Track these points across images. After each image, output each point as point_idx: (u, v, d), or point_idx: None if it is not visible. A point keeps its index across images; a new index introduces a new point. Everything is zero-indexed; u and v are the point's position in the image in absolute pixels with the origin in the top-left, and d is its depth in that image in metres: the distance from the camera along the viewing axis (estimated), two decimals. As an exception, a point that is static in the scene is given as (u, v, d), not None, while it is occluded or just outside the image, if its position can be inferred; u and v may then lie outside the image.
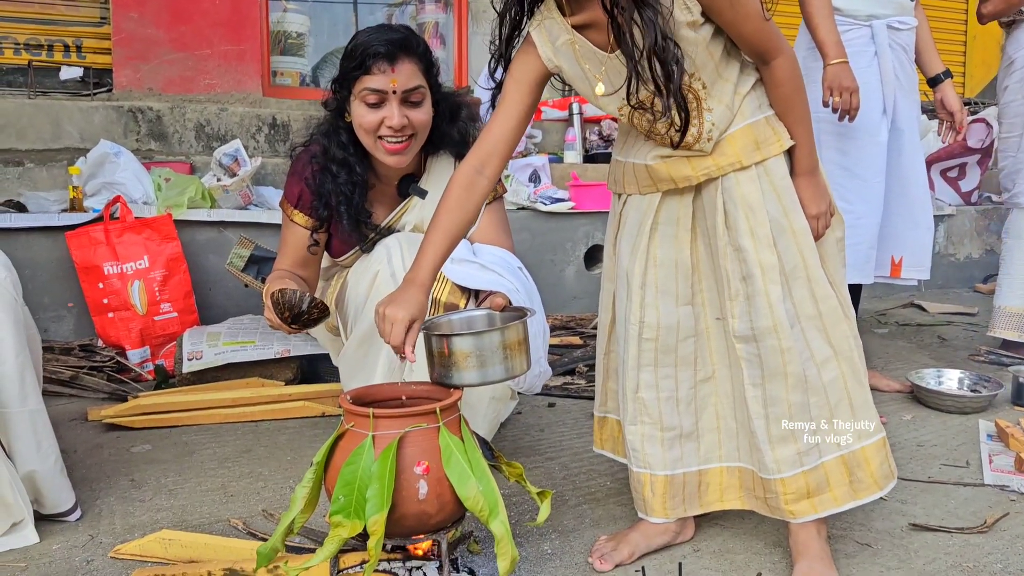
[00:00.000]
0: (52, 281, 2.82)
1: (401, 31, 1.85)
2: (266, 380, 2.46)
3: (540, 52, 1.43)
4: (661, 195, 1.51)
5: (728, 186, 1.45)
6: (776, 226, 1.45)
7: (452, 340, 1.43)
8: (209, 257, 2.98)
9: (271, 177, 3.47)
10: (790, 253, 1.46)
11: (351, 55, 1.82)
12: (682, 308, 1.53)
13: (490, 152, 1.47)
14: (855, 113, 2.34)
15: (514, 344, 1.46)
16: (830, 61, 2.32)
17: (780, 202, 1.46)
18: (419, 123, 1.85)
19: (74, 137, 3.40)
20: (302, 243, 1.97)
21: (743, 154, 1.44)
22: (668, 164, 1.47)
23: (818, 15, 2.35)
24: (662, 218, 1.52)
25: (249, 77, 3.96)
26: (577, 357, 2.86)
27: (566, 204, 3.51)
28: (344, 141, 1.88)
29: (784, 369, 1.44)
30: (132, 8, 3.73)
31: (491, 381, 1.46)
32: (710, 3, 1.33)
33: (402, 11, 5.54)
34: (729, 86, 1.43)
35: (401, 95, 1.80)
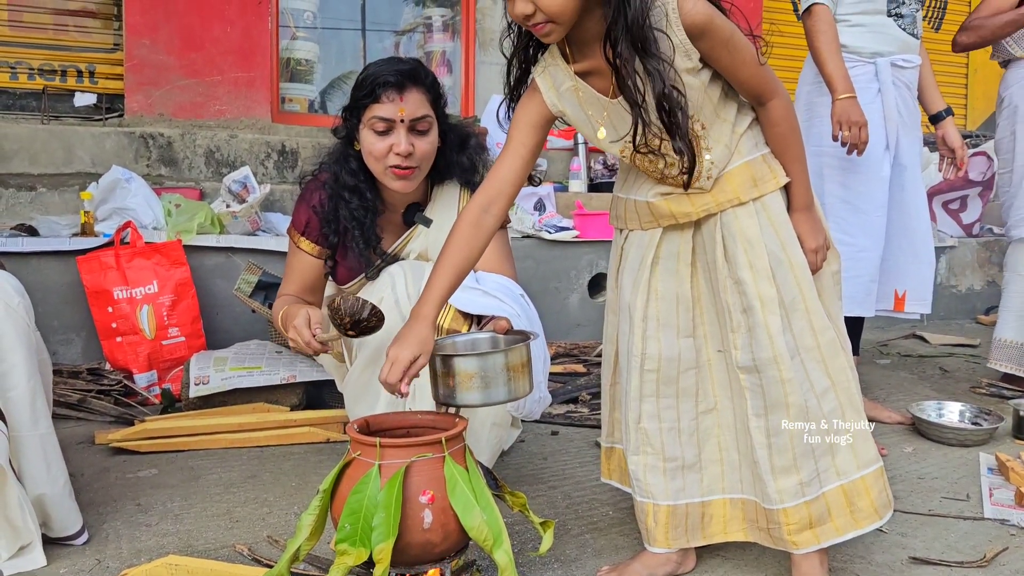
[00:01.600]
0: (62, 305, 2.86)
1: (410, 63, 1.91)
2: (272, 405, 2.48)
3: (544, 97, 1.48)
4: (662, 230, 1.54)
5: (727, 221, 1.49)
6: (774, 259, 1.48)
7: (456, 360, 1.47)
8: (217, 282, 3.01)
9: (279, 203, 3.51)
10: (788, 286, 1.49)
11: (361, 85, 1.88)
12: (683, 340, 1.56)
13: (497, 191, 1.52)
14: (864, 147, 2.37)
15: (517, 366, 1.49)
16: (838, 96, 2.35)
17: (778, 236, 1.49)
18: (425, 151, 1.90)
19: (86, 162, 3.45)
20: (308, 270, 2.01)
21: (741, 191, 1.48)
22: (669, 201, 1.51)
23: (825, 51, 2.39)
24: (663, 252, 1.55)
25: (258, 103, 4.02)
26: (580, 385, 2.87)
27: (570, 233, 3.54)
28: (354, 168, 1.93)
29: (786, 400, 1.46)
30: (145, 35, 3.79)
31: (494, 402, 1.50)
32: (708, 51, 1.38)
33: (410, 38, 5.61)
34: (727, 126, 1.47)
35: (409, 123, 1.86)
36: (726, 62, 1.41)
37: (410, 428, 1.54)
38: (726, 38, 1.38)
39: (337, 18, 5.25)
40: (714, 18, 1.36)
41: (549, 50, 1.47)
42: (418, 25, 5.43)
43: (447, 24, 5.24)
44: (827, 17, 2.41)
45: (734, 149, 1.48)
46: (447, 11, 5.25)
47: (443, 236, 2.01)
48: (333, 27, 5.24)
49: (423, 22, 5.37)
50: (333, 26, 5.23)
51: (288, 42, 4.59)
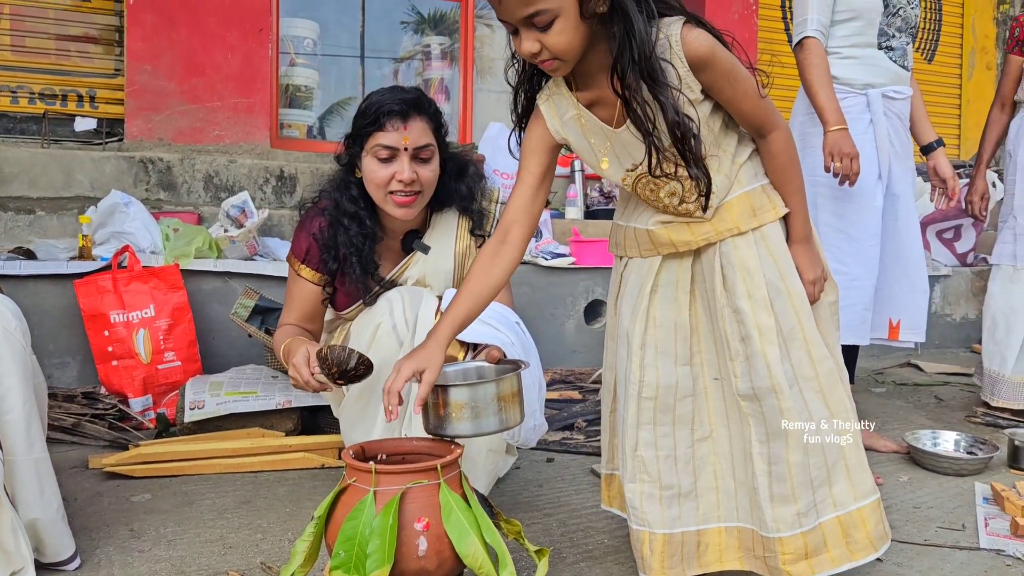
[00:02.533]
0: (58, 328, 2.85)
1: (413, 92, 1.94)
2: (267, 431, 2.47)
3: (548, 125, 1.50)
4: (661, 258, 1.56)
5: (726, 250, 1.50)
6: (773, 289, 1.49)
7: (447, 391, 1.47)
8: (214, 306, 3.01)
9: (277, 228, 3.52)
10: (787, 315, 1.50)
11: (365, 113, 1.91)
12: (681, 368, 1.56)
13: (512, 221, 1.56)
14: (855, 178, 2.39)
15: (508, 396, 1.50)
16: (830, 128, 2.38)
17: (776, 266, 1.51)
18: (427, 179, 1.92)
19: (85, 186, 3.46)
20: (308, 297, 2.01)
21: (740, 220, 1.49)
22: (668, 229, 1.52)
23: (817, 83, 2.42)
24: (662, 280, 1.56)
25: (258, 129, 4.05)
26: (576, 412, 2.87)
27: (567, 259, 3.56)
28: (355, 195, 1.96)
29: (785, 428, 1.47)
30: (146, 61, 3.83)
31: (485, 432, 1.50)
32: (710, 83, 1.40)
33: (408, 65, 5.67)
34: (727, 156, 1.49)
35: (412, 151, 1.88)
36: (728, 94, 1.43)
37: (406, 455, 1.54)
38: (728, 70, 1.40)
39: (337, 45, 5.30)
40: (716, 50, 1.38)
41: (554, 78, 1.49)
42: (417, 53, 5.49)
43: (445, 52, 5.29)
44: (818, 50, 2.44)
45: (734, 179, 1.50)
46: (445, 39, 5.31)
47: (440, 264, 2.05)
48: (332, 54, 5.29)
49: (422, 50, 5.43)
50: (332, 53, 5.29)
51: (287, 68, 4.64)
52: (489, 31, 5.61)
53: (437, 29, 5.47)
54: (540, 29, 1.31)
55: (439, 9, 5.39)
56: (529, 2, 1.29)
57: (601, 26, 1.34)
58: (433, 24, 5.54)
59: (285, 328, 2.00)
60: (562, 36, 1.32)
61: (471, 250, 2.09)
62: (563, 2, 1.29)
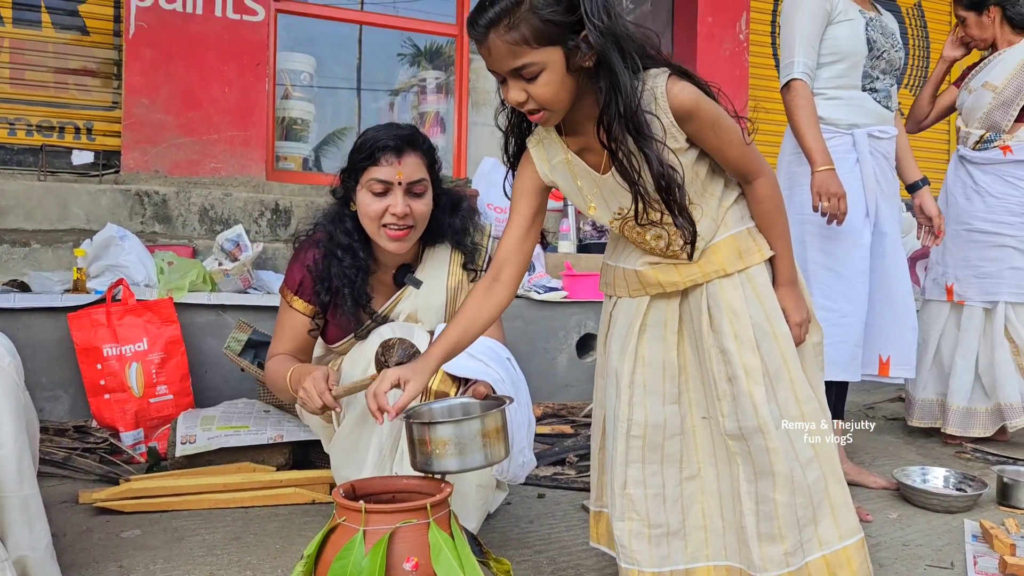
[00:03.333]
0: (51, 361, 2.86)
1: (408, 129, 1.99)
2: (258, 465, 2.47)
3: (537, 168, 1.54)
4: (649, 298, 1.58)
5: (713, 291, 1.53)
6: (759, 330, 1.52)
7: (431, 428, 1.49)
8: (207, 339, 3.02)
9: (272, 261, 3.54)
10: (773, 356, 1.52)
11: (360, 148, 1.95)
12: (669, 407, 1.58)
13: (504, 259, 1.59)
14: (843, 218, 2.42)
15: (491, 432, 1.51)
16: (817, 168, 2.42)
17: (762, 307, 1.53)
18: (420, 213, 1.96)
19: (80, 218, 3.48)
20: (300, 329, 2.03)
21: (727, 262, 1.52)
22: (656, 270, 1.55)
23: (804, 124, 2.46)
24: (650, 320, 1.59)
25: (254, 162, 4.08)
26: (568, 447, 2.87)
27: (559, 293, 3.58)
28: (349, 228, 1.99)
29: (772, 468, 1.48)
30: (144, 94, 3.87)
31: (470, 468, 1.52)
32: (695, 133, 1.44)
33: (404, 98, 5.72)
34: (714, 200, 1.52)
35: (405, 186, 1.92)
36: (713, 143, 1.46)
37: (395, 493, 1.55)
38: (712, 120, 1.43)
39: (333, 77, 5.36)
40: (700, 102, 1.41)
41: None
42: (412, 85, 5.55)
43: (441, 86, 5.35)
44: (805, 92, 2.48)
45: (720, 222, 1.53)
46: (441, 73, 5.37)
47: (432, 298, 2.07)
48: (329, 86, 5.35)
49: (417, 83, 5.49)
50: (329, 85, 5.35)
51: (283, 101, 4.69)
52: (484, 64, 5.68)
53: (433, 63, 5.54)
54: (527, 80, 1.35)
55: (435, 42, 5.47)
56: (516, 55, 1.33)
57: (588, 79, 1.38)
58: (429, 57, 5.61)
59: (279, 357, 2.01)
60: (548, 88, 1.35)
61: (463, 285, 2.11)
62: (550, 56, 1.33)
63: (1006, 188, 3.11)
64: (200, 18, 3.97)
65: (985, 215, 3.11)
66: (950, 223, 3.17)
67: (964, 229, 3.15)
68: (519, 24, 1.31)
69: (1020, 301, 3.06)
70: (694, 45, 5.08)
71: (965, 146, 3.19)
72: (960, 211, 3.17)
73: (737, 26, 5.20)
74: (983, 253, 3.11)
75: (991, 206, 3.11)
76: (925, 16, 5.97)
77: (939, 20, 6.02)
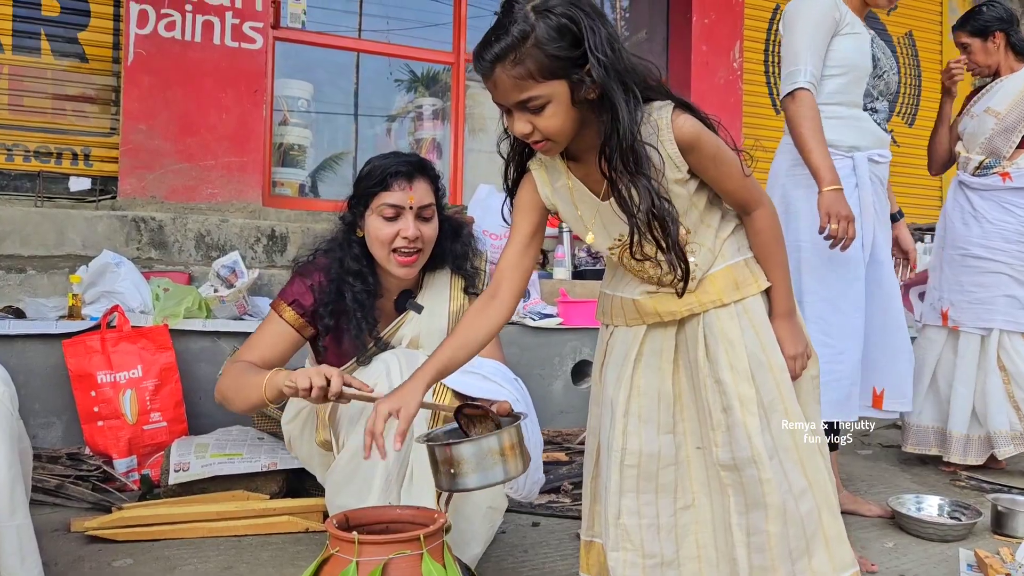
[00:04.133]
0: (45, 388, 2.85)
1: (415, 156, 2.04)
2: (251, 493, 2.46)
3: (539, 191, 1.56)
4: (646, 327, 1.59)
5: (709, 321, 1.54)
6: (754, 361, 1.52)
7: (452, 448, 1.52)
8: (202, 366, 3.02)
9: (267, 288, 3.55)
10: (768, 387, 1.52)
11: (371, 175, 1.98)
12: (663, 436, 1.58)
13: (502, 276, 1.60)
14: (849, 243, 2.27)
15: (508, 447, 1.55)
16: (825, 187, 2.25)
17: (758, 338, 1.54)
18: (429, 237, 2.01)
19: (77, 245, 3.49)
20: (280, 341, 2.01)
21: (724, 293, 1.53)
22: (654, 299, 1.56)
23: (811, 139, 2.29)
24: (646, 349, 1.60)
25: (250, 188, 4.10)
26: (563, 474, 2.87)
27: (554, 320, 3.59)
28: (357, 254, 2.02)
29: (764, 500, 1.48)
30: (142, 120, 3.89)
31: (492, 483, 1.55)
32: (696, 164, 1.46)
33: (400, 124, 5.76)
34: (711, 231, 1.54)
35: (416, 210, 1.96)
36: (712, 174, 1.48)
37: (389, 523, 1.55)
38: (713, 153, 1.46)
39: (330, 103, 5.40)
40: (702, 134, 1.44)
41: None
42: (409, 111, 5.59)
43: (437, 112, 5.39)
44: (811, 103, 2.32)
45: (717, 253, 1.55)
46: (437, 100, 5.41)
47: (434, 323, 2.08)
48: (326, 112, 5.39)
49: (414, 109, 5.53)
50: (326, 111, 5.38)
51: (281, 127, 4.72)
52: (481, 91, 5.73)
53: (430, 89, 5.58)
54: (533, 112, 1.38)
55: (432, 69, 5.51)
56: (522, 89, 1.35)
57: (591, 110, 1.40)
58: (426, 84, 5.65)
59: (242, 364, 1.92)
60: (554, 120, 1.38)
61: (465, 309, 2.13)
62: (555, 89, 1.36)
63: (1003, 215, 3.11)
64: (198, 46, 4.01)
65: (980, 241, 3.12)
66: (947, 248, 3.18)
67: (959, 254, 3.17)
68: (525, 59, 1.33)
69: (1013, 329, 3.07)
70: (688, 73, 5.13)
71: (965, 171, 3.19)
72: (956, 236, 3.18)
73: (731, 55, 5.26)
74: (977, 279, 3.12)
75: (987, 232, 3.11)
76: (916, 45, 6.05)
77: (930, 50, 6.09)
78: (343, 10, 5.37)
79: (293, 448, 2.20)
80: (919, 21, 6.04)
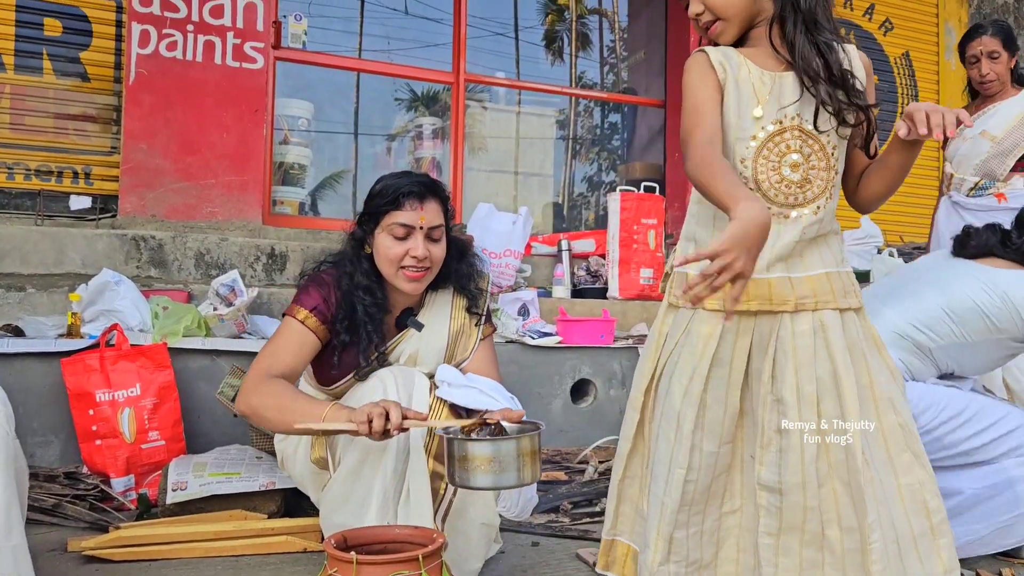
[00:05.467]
0: (43, 407, 2.85)
1: (427, 177, 2.06)
2: (249, 512, 2.45)
3: (713, 62, 1.56)
4: (719, 334, 1.55)
5: (783, 336, 1.51)
6: (823, 386, 1.50)
7: (473, 444, 1.56)
8: (200, 385, 3.01)
9: (267, 307, 3.55)
10: (832, 413, 1.49)
11: (383, 193, 2.00)
12: (723, 447, 1.58)
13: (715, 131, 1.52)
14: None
15: (527, 453, 1.59)
16: None
17: (832, 363, 1.50)
18: (437, 257, 2.02)
19: (76, 263, 3.49)
20: (305, 351, 2.00)
21: (834, 296, 1.54)
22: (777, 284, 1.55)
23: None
24: (716, 360, 1.56)
25: (250, 206, 4.11)
26: (562, 494, 2.86)
27: (553, 339, 3.59)
28: (367, 269, 2.03)
29: (803, 526, 1.46)
30: (142, 140, 3.91)
31: (504, 486, 1.59)
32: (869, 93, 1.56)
33: (400, 143, 5.79)
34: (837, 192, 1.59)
35: (426, 230, 1.97)
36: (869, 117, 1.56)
37: (387, 543, 1.54)
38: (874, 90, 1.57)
39: (331, 122, 5.44)
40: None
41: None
42: (409, 131, 5.62)
43: (437, 131, 5.42)
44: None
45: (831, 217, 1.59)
46: (437, 119, 5.44)
47: (434, 341, 2.09)
48: (326, 131, 5.42)
49: (414, 128, 5.56)
50: (326, 130, 5.42)
51: (281, 146, 4.74)
52: (481, 110, 5.77)
53: (430, 108, 5.62)
54: None
55: (432, 88, 5.55)
56: None
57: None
58: (426, 103, 5.69)
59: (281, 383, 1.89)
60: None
61: (465, 328, 2.15)
62: None
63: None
64: (200, 65, 4.03)
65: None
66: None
67: None
68: None
69: None
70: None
71: (959, 192, 3.23)
72: None
73: (729, 74, 5.28)
74: None
75: None
76: (913, 66, 6.08)
77: (927, 70, 6.13)
78: (344, 30, 5.42)
79: (286, 467, 2.20)
80: (916, 42, 6.08)
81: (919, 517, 1.49)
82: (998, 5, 6.40)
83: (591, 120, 6.55)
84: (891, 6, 6.00)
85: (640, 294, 4.23)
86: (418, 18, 5.46)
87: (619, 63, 6.19)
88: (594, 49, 6.38)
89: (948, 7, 6.17)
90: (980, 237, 2.24)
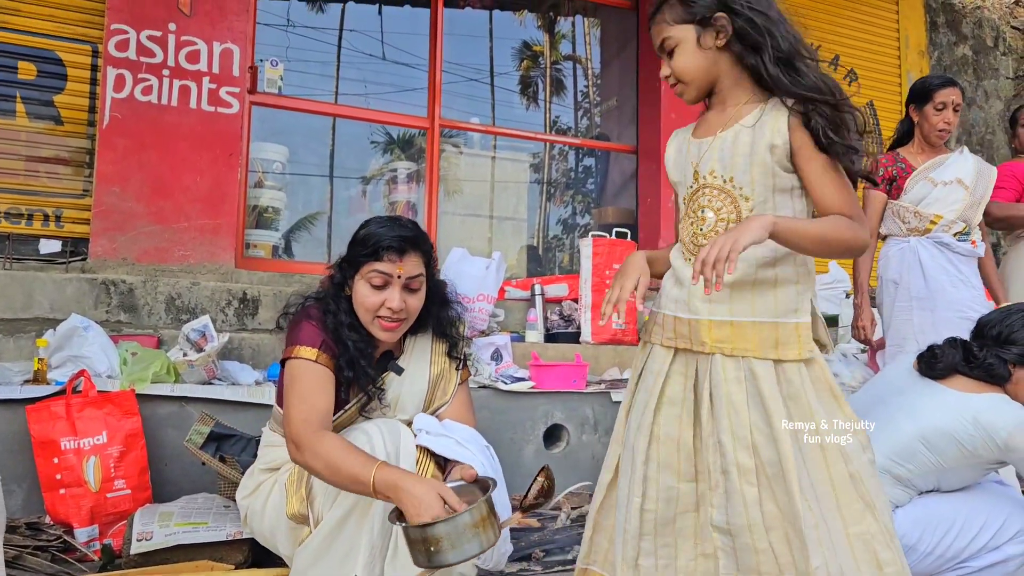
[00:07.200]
0: (5, 455, 2.79)
1: (411, 228, 2.04)
2: (216, 563, 2.41)
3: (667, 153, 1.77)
4: (668, 369, 1.64)
5: (716, 379, 1.56)
6: (757, 430, 1.53)
7: (428, 528, 1.58)
8: (168, 432, 2.98)
9: (237, 352, 3.52)
10: (771, 459, 1.51)
11: (364, 242, 2.00)
12: (684, 484, 1.61)
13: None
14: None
15: (480, 521, 1.59)
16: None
17: (765, 411, 1.53)
18: (414, 308, 2.03)
19: (45, 307, 3.45)
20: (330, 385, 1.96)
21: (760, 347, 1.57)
22: (694, 324, 1.62)
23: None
24: (666, 398, 1.63)
25: (223, 250, 4.09)
26: (534, 541, 2.84)
27: (526, 383, 3.59)
28: (348, 309, 2.04)
29: (758, 568, 1.48)
30: (115, 183, 3.89)
31: (469, 557, 1.60)
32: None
33: (375, 186, 5.81)
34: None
35: (404, 281, 1.98)
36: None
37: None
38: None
39: (306, 165, 5.45)
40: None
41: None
42: (384, 174, 5.65)
43: (412, 175, 5.46)
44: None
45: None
46: (412, 164, 5.48)
47: (415, 385, 2.10)
48: (301, 173, 5.43)
49: (389, 172, 5.59)
50: (301, 172, 5.43)
51: (255, 189, 4.74)
52: (455, 155, 5.82)
53: (406, 152, 5.65)
54: (668, 56, 1.63)
55: (407, 132, 5.60)
56: (656, 33, 1.63)
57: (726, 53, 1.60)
58: (402, 147, 5.73)
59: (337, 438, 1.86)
60: (679, 60, 1.62)
61: (445, 373, 2.16)
62: (683, 33, 1.60)
63: (977, 280, 3.34)
64: (175, 110, 4.04)
65: (972, 304, 3.27)
66: (939, 310, 3.27)
67: (958, 317, 3.24)
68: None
69: None
70: (659, 140, 5.24)
71: (947, 234, 3.29)
72: (951, 300, 3.28)
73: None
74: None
75: (975, 296, 3.30)
76: (878, 115, 6.24)
77: (890, 119, 6.28)
78: (321, 74, 5.46)
79: (250, 522, 2.17)
80: (880, 92, 6.25)
81: (870, 567, 1.50)
82: (957, 58, 6.61)
83: (565, 164, 6.61)
84: (856, 58, 6.18)
85: (613, 338, 4.25)
86: (394, 63, 5.52)
87: (592, 108, 6.29)
88: (568, 95, 6.47)
89: (910, 59, 6.36)
90: (946, 357, 2.24)
